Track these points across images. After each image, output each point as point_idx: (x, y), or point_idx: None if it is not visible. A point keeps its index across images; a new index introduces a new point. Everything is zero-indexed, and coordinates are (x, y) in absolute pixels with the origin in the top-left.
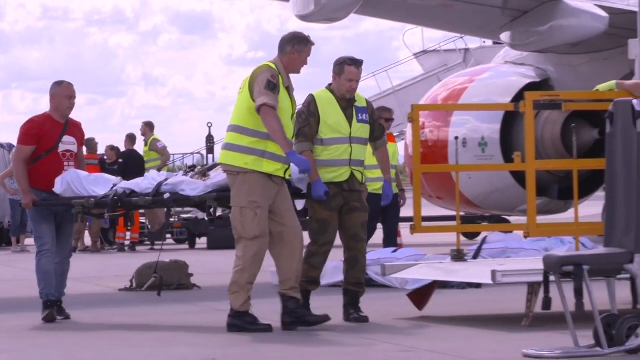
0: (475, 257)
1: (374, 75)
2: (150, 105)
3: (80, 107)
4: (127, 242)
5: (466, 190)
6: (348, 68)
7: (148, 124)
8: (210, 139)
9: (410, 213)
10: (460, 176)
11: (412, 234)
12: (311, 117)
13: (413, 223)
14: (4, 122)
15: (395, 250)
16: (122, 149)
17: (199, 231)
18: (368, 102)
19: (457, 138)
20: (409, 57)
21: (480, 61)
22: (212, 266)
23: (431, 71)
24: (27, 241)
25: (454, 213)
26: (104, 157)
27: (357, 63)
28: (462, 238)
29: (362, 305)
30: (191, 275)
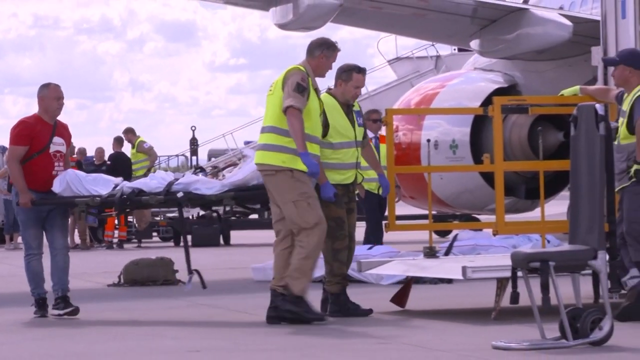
0: (446, 254)
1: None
2: (136, 109)
3: (70, 112)
4: (115, 240)
5: (438, 190)
6: (356, 75)
7: (129, 131)
8: (194, 142)
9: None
10: (432, 177)
11: (387, 232)
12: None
13: (387, 222)
14: None
15: (370, 247)
16: (110, 151)
17: (184, 229)
18: (359, 106)
19: (429, 140)
20: (383, 64)
21: (451, 67)
22: (196, 263)
23: (404, 77)
24: (20, 239)
25: (427, 212)
26: (92, 159)
27: (363, 71)
28: (434, 236)
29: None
30: (176, 271)
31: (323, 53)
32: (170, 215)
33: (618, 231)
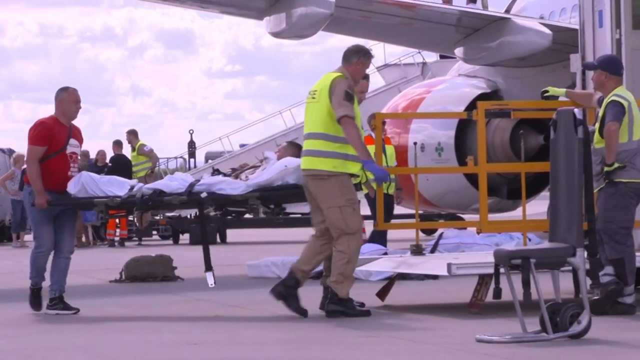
0: (432, 252)
1: None
2: (137, 114)
3: None
4: (117, 238)
5: (424, 190)
6: (362, 81)
7: (132, 132)
8: (192, 144)
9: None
10: (418, 178)
11: (376, 230)
12: None
13: (376, 220)
14: (4, 130)
15: None
16: (111, 154)
17: (182, 228)
18: None
19: (416, 143)
20: (372, 70)
21: (436, 74)
22: (194, 260)
23: (392, 83)
24: (27, 237)
25: (413, 211)
26: (93, 161)
27: (367, 77)
28: (421, 234)
29: None
30: (175, 268)
31: (359, 60)
32: (169, 214)
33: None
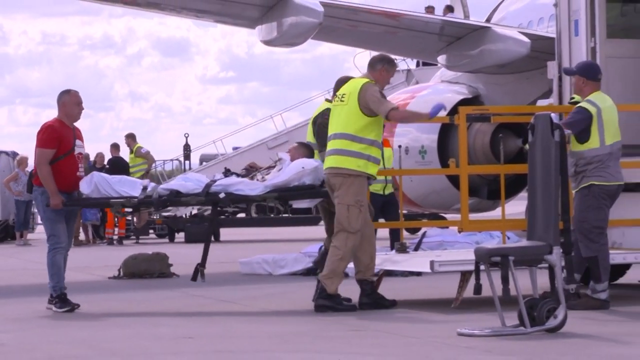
0: (416, 249)
1: (329, 92)
2: (135, 118)
3: None
4: (116, 237)
5: (408, 191)
6: None
7: (130, 136)
8: (187, 147)
9: None
10: (403, 179)
11: None
12: None
13: None
14: (9, 133)
15: None
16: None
17: (178, 227)
18: None
19: (401, 146)
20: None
21: (420, 80)
22: (189, 257)
23: None
24: (30, 236)
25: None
26: (92, 163)
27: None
28: (405, 233)
29: None
30: (171, 265)
31: (384, 67)
32: (165, 214)
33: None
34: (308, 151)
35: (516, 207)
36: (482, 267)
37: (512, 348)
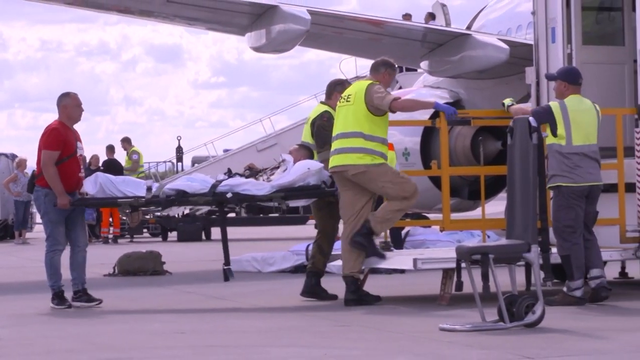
0: (400, 248)
1: (315, 96)
2: (129, 121)
3: None
4: (111, 236)
5: None
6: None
7: (125, 140)
8: (179, 150)
9: None
10: None
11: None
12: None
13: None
14: (8, 136)
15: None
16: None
17: (170, 226)
18: None
19: None
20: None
21: (403, 85)
22: (182, 256)
23: None
24: (28, 235)
25: None
26: (89, 164)
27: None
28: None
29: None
30: (164, 263)
31: (387, 70)
32: (158, 213)
33: None
34: (308, 152)
35: (496, 207)
36: (463, 265)
37: (492, 342)
